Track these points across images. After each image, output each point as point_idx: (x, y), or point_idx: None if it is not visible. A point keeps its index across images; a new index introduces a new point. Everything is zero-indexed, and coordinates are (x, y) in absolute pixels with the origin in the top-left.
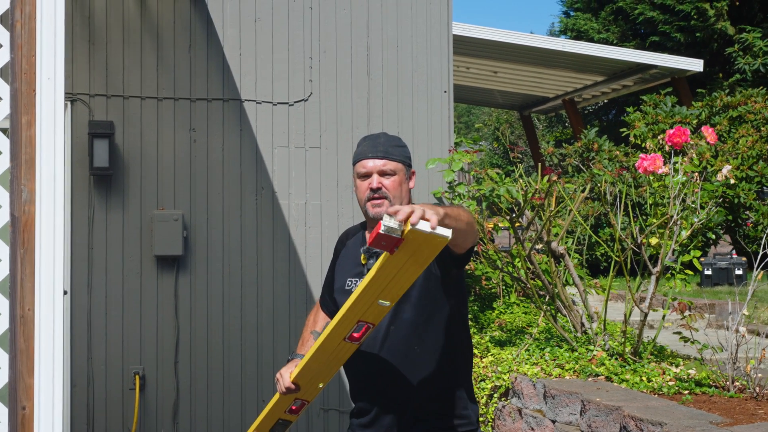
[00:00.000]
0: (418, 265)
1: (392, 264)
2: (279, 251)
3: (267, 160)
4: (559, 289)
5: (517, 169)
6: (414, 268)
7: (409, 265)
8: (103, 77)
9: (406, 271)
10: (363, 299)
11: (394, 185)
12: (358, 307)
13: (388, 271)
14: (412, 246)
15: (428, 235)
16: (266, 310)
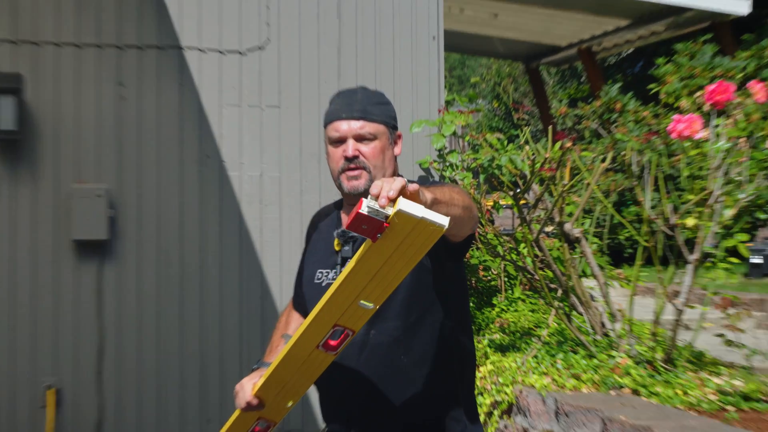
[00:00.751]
0: (407, 259)
1: (375, 255)
2: (228, 236)
3: (213, 122)
4: (575, 282)
5: (522, 134)
6: (402, 263)
7: (396, 259)
8: (10, 18)
9: (393, 266)
10: (339, 298)
11: (375, 152)
12: (334, 309)
13: (371, 264)
14: (400, 233)
15: (419, 222)
16: (211, 309)
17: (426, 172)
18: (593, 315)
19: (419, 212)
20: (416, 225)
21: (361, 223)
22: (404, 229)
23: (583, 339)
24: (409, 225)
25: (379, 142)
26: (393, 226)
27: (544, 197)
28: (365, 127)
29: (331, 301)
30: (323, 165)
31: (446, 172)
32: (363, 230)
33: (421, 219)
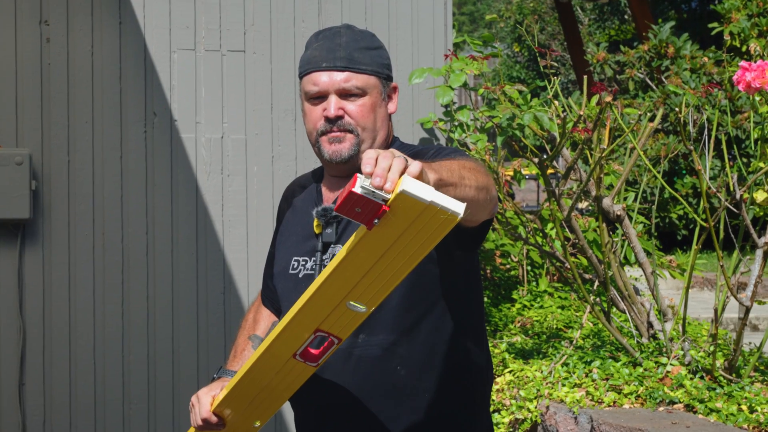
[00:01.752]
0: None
1: (370, 246)
2: (181, 214)
3: (162, 70)
4: (615, 271)
5: (550, 86)
6: (404, 257)
7: (396, 252)
8: None
9: (392, 261)
10: (323, 298)
11: (364, 112)
12: (316, 310)
13: (364, 256)
14: (402, 221)
15: (428, 208)
16: (162, 303)
17: (429, 135)
18: (638, 313)
19: (428, 195)
20: (423, 211)
21: (354, 205)
22: (408, 216)
23: (625, 342)
24: (415, 211)
25: (368, 98)
26: (394, 211)
27: (577, 165)
28: (351, 79)
29: (312, 300)
30: (301, 124)
31: (454, 133)
32: (356, 214)
33: (429, 204)
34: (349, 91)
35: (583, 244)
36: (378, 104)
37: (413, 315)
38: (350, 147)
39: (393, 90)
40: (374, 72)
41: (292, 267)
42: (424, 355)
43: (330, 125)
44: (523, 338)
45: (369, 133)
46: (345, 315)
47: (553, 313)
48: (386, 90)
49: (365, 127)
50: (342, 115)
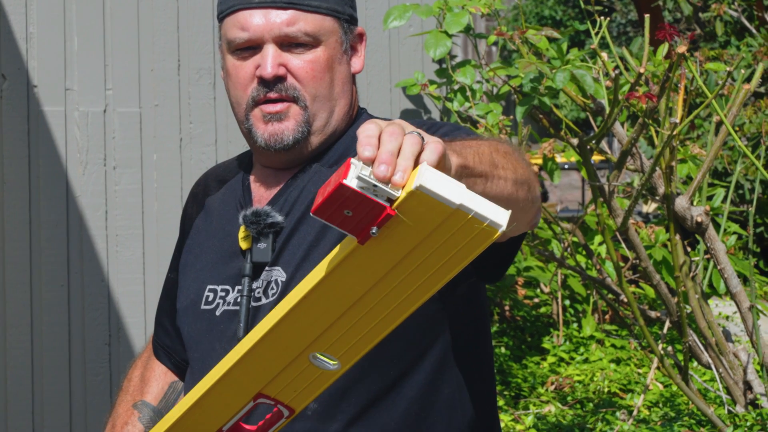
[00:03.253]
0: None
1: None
2: (43, 224)
3: (14, 11)
4: (695, 306)
5: (596, 30)
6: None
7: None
8: None
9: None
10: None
11: (316, 70)
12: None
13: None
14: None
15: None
16: (16, 359)
17: (415, 105)
18: (729, 368)
19: (456, 194)
20: (447, 218)
21: (344, 206)
22: (423, 225)
23: (711, 413)
24: (434, 217)
25: (322, 49)
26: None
27: (637, 148)
28: (297, 21)
29: (257, 349)
30: (222, 91)
31: (453, 102)
32: (344, 219)
33: (457, 208)
34: (294, 38)
35: (647, 267)
36: (336, 59)
37: (391, 375)
38: (295, 126)
39: (358, 38)
40: (331, 11)
41: (205, 300)
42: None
43: (265, 90)
44: (558, 408)
45: (323, 103)
46: (305, 374)
47: (604, 370)
48: (348, 38)
49: (317, 93)
50: (284, 75)
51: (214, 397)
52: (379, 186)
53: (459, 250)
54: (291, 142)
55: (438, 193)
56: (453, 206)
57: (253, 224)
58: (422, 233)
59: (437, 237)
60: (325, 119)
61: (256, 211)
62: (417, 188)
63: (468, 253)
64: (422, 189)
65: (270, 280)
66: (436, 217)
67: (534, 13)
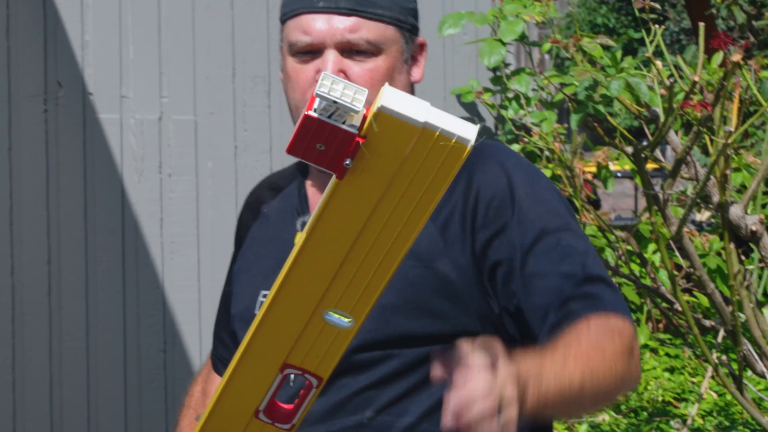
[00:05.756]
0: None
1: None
2: (99, 231)
3: (70, 19)
4: (750, 315)
5: (650, 38)
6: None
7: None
8: None
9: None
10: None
11: (375, 78)
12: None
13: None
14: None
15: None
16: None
17: (468, 112)
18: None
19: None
20: (417, 140)
21: (314, 139)
22: (395, 149)
23: (766, 422)
24: (403, 139)
25: (384, 58)
26: (372, 143)
27: (691, 156)
28: (360, 29)
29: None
30: (278, 99)
31: (507, 110)
32: (318, 155)
33: (424, 127)
34: (355, 46)
35: (701, 276)
36: (397, 68)
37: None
38: None
39: (419, 48)
40: (394, 20)
41: (259, 305)
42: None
43: None
44: (612, 417)
45: None
46: (322, 336)
47: (658, 379)
48: (409, 48)
49: None
50: None
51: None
52: (340, 101)
53: (437, 172)
54: None
55: (401, 113)
56: (418, 125)
57: None
58: (396, 160)
59: (412, 162)
60: None
61: None
62: (379, 108)
63: (446, 175)
64: (384, 110)
65: None
66: (405, 139)
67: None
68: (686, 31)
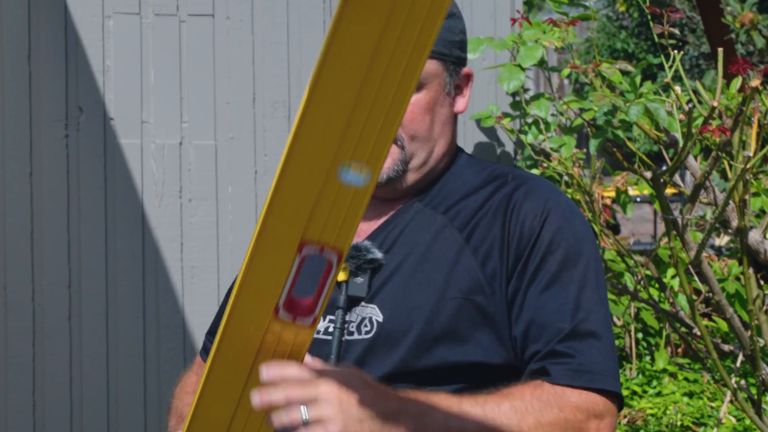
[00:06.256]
0: (407, 46)
1: (348, 50)
2: (120, 255)
3: (91, 45)
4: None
5: (669, 64)
6: (401, 54)
7: (386, 47)
8: None
9: (389, 65)
10: (299, 171)
11: (416, 113)
12: (292, 204)
13: (345, 71)
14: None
15: None
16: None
17: (488, 137)
18: None
19: None
20: None
21: None
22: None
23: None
24: None
25: (425, 93)
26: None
27: (710, 181)
28: None
29: (283, 189)
30: None
31: (527, 135)
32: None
33: None
34: None
35: (720, 300)
36: (439, 101)
37: None
38: (391, 164)
39: (465, 79)
40: (436, 54)
41: None
42: None
43: None
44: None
45: (422, 144)
46: (338, 201)
47: (677, 404)
48: (453, 80)
49: (415, 134)
50: None
51: (259, 264)
52: None
53: (430, 6)
54: (384, 180)
55: None
56: None
57: (353, 258)
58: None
59: None
60: (423, 158)
61: (357, 245)
62: None
63: (440, 7)
64: None
65: (365, 317)
66: None
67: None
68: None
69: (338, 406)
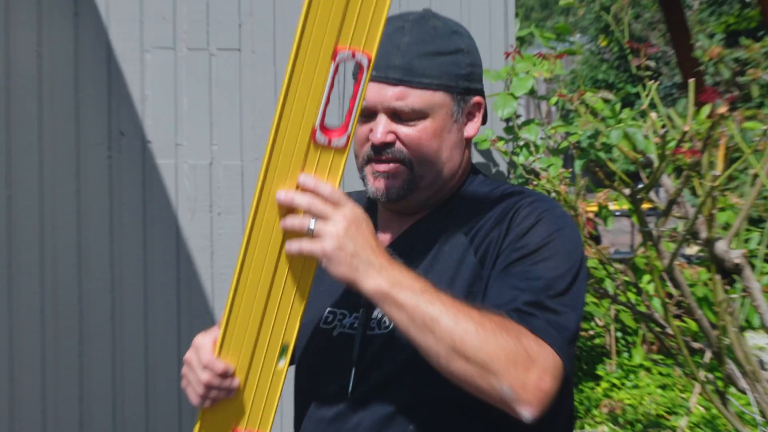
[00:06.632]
0: None
1: None
2: (157, 263)
3: (131, 76)
4: (733, 338)
5: (645, 93)
6: None
7: None
8: None
9: None
10: None
11: (423, 139)
12: (326, 19)
13: None
14: None
15: None
16: (132, 386)
17: (485, 158)
18: (764, 393)
19: None
20: None
21: None
22: None
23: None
24: None
25: (431, 121)
26: None
27: (682, 198)
28: (407, 96)
29: None
30: None
31: (519, 156)
32: None
33: None
34: (401, 113)
35: (690, 303)
36: (446, 128)
37: None
38: (401, 184)
39: (476, 107)
40: (442, 86)
41: (324, 320)
42: None
43: (376, 153)
44: (611, 428)
45: (430, 167)
46: (364, 8)
47: (652, 395)
48: (462, 108)
49: (423, 158)
50: (392, 141)
51: (297, 77)
52: None
53: None
54: (395, 198)
55: None
56: None
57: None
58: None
59: None
60: (432, 179)
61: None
62: None
63: None
64: None
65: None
66: None
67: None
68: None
69: (342, 232)
